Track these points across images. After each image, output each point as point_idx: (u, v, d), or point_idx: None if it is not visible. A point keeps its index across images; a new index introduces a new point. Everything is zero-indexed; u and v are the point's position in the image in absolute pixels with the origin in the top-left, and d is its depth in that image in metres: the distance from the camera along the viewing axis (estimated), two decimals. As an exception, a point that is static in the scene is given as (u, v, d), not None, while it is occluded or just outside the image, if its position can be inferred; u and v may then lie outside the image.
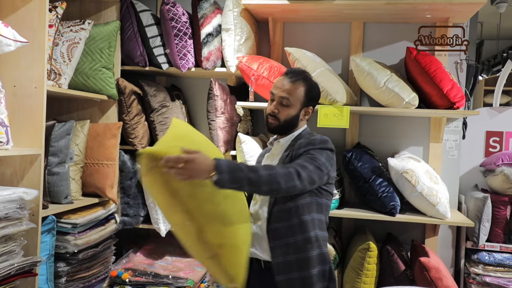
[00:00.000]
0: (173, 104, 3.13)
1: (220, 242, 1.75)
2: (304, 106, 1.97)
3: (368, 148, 3.06)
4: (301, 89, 1.94)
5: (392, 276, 2.66)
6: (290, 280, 1.84)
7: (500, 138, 3.32)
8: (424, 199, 2.68)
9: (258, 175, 1.65)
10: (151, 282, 2.73)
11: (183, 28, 2.94)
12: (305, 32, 3.24)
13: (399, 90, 2.69)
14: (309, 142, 1.89)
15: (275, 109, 1.95)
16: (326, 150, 1.87)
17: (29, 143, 2.23)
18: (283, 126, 1.97)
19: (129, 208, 2.99)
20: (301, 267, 1.84)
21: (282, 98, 1.94)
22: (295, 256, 1.85)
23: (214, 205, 1.73)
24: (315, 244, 1.86)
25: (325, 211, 1.93)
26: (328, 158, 1.86)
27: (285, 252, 1.85)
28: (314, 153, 1.84)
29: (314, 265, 1.85)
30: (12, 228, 1.97)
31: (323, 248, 1.89)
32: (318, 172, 1.80)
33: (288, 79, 1.95)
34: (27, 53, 2.20)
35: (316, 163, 1.80)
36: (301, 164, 1.79)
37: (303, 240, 1.85)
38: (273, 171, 1.69)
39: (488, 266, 2.91)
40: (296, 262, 1.85)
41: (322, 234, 1.90)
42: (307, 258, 1.84)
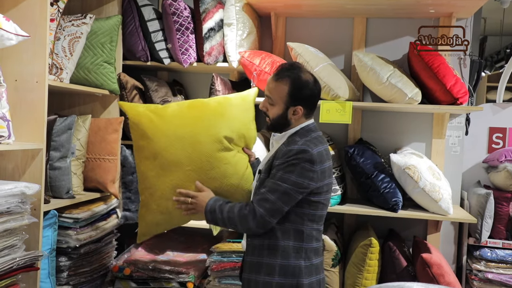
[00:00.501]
0: (175, 99, 3.12)
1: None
2: (290, 105, 1.89)
3: (371, 144, 3.05)
4: (284, 88, 1.88)
5: (394, 272, 2.66)
6: (248, 280, 1.89)
7: (503, 134, 3.31)
8: (427, 195, 2.67)
9: (223, 218, 1.89)
10: (153, 276, 2.73)
11: (185, 22, 2.93)
12: (307, 27, 3.23)
13: (402, 86, 2.68)
14: (285, 152, 1.83)
15: (263, 107, 1.96)
16: (300, 163, 1.79)
17: (30, 138, 2.23)
18: (273, 125, 1.95)
19: (130, 203, 2.99)
20: (258, 270, 1.86)
21: (266, 96, 1.94)
22: (257, 259, 1.87)
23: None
24: (280, 254, 1.83)
25: (308, 221, 1.86)
26: (302, 173, 1.78)
27: (251, 253, 1.90)
28: (282, 174, 1.80)
29: (273, 274, 1.83)
30: (14, 222, 1.97)
31: (290, 260, 1.83)
32: (285, 198, 1.79)
33: (274, 76, 1.92)
34: (28, 47, 2.19)
35: (282, 187, 1.78)
36: (261, 198, 1.82)
37: (268, 245, 1.85)
38: (232, 214, 1.86)
39: (490, 263, 2.90)
40: (255, 264, 1.87)
41: (296, 244, 1.84)
42: (267, 264, 1.84)
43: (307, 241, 1.86)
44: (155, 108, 2.13)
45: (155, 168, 2.05)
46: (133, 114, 2.10)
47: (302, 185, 1.79)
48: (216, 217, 1.90)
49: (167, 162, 2.03)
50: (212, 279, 2.71)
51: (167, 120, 2.07)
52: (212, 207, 1.91)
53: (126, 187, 2.99)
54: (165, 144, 2.03)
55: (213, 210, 1.90)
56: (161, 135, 2.04)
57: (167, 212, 2.07)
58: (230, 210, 1.87)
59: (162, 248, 3.05)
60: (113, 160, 2.82)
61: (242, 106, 2.17)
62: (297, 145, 1.82)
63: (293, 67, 1.93)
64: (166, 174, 2.04)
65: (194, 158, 2.02)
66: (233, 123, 2.09)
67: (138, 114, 2.09)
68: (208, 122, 2.06)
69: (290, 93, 1.88)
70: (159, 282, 2.73)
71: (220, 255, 2.70)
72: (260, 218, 1.80)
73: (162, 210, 2.07)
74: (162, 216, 2.09)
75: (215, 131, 2.04)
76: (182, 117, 2.08)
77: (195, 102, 2.19)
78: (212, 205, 1.91)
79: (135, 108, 2.13)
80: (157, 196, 2.06)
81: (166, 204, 2.05)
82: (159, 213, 2.08)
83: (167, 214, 2.08)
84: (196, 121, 2.06)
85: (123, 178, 2.98)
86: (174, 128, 2.05)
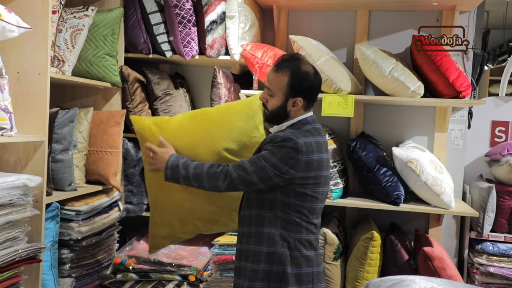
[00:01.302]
0: (177, 92, 3.11)
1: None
2: (289, 97, 1.87)
3: (373, 137, 3.04)
4: (283, 79, 1.86)
5: (396, 266, 2.66)
6: (239, 268, 1.91)
7: (505, 128, 3.30)
8: (429, 189, 2.67)
9: (188, 173, 1.87)
10: (155, 269, 2.74)
11: (187, 15, 2.92)
12: (310, 20, 3.21)
13: (405, 79, 2.67)
14: (271, 138, 1.84)
15: (263, 98, 1.94)
16: (284, 149, 1.79)
17: (32, 130, 2.23)
18: (272, 116, 1.93)
19: (132, 196, 3.00)
20: (246, 258, 1.88)
21: (266, 88, 1.92)
22: (245, 246, 1.89)
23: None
24: (265, 241, 1.84)
25: (293, 211, 1.84)
26: (283, 159, 1.78)
27: (240, 241, 1.93)
28: (266, 153, 1.82)
29: (259, 261, 1.84)
30: (16, 215, 1.97)
31: (277, 248, 1.83)
32: (260, 173, 1.80)
33: (274, 67, 1.90)
34: (30, 39, 2.18)
35: (261, 163, 1.80)
36: (240, 164, 1.84)
37: (255, 233, 1.87)
38: (200, 170, 1.87)
39: (492, 256, 2.90)
40: (244, 252, 1.89)
41: (283, 233, 1.84)
42: (253, 252, 1.86)
43: (295, 232, 1.85)
44: (160, 120, 2.12)
45: (157, 180, 2.05)
46: (138, 127, 2.13)
47: (281, 170, 1.79)
48: (179, 173, 1.89)
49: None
50: (214, 272, 2.72)
51: (167, 132, 2.06)
52: (173, 163, 1.91)
53: (128, 180, 2.99)
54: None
55: (174, 166, 1.90)
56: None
57: (170, 225, 2.08)
58: (197, 167, 1.87)
59: (164, 241, 3.06)
60: (115, 153, 2.82)
61: (245, 114, 2.08)
62: (284, 133, 1.84)
63: (293, 58, 1.91)
64: (166, 186, 2.03)
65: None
66: (233, 133, 2.03)
67: (143, 128, 2.11)
68: (207, 133, 2.03)
69: (290, 84, 1.86)
70: (160, 274, 2.74)
71: (221, 248, 2.71)
72: (230, 181, 1.83)
73: (165, 223, 2.08)
74: (166, 230, 2.10)
75: (213, 143, 2.01)
76: (182, 129, 2.07)
77: (197, 112, 2.18)
78: (174, 161, 1.91)
79: (141, 122, 2.14)
80: (160, 210, 2.07)
81: (169, 218, 2.06)
82: (163, 227, 2.10)
83: (169, 227, 2.09)
84: (194, 132, 2.04)
85: (125, 171, 2.98)
86: (173, 140, 2.03)
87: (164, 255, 2.82)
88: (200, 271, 2.76)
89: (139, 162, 2.99)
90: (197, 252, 2.95)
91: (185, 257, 2.85)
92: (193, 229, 2.12)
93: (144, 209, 3.05)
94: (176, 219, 2.06)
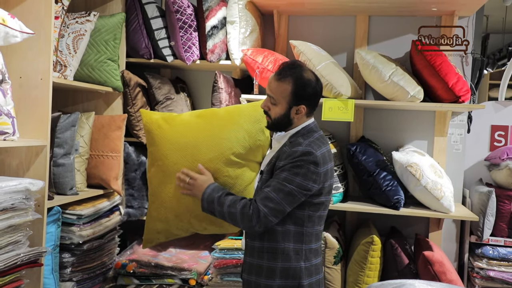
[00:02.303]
0: (178, 96, 3.13)
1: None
2: (293, 105, 1.87)
3: (373, 142, 3.05)
4: (286, 87, 1.85)
5: (396, 270, 2.67)
6: (248, 281, 1.89)
7: (505, 132, 3.31)
8: (429, 193, 2.67)
9: (223, 211, 1.86)
10: (155, 273, 2.74)
11: (188, 20, 2.94)
12: (310, 25, 3.23)
13: (404, 84, 2.68)
14: (289, 153, 1.81)
15: (265, 107, 1.93)
16: (304, 164, 1.78)
17: (35, 134, 2.24)
18: (275, 124, 1.92)
19: (133, 200, 3.01)
20: (258, 273, 1.85)
21: (269, 96, 1.91)
22: (256, 261, 1.86)
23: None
24: (280, 257, 1.83)
25: (309, 222, 1.85)
26: (306, 175, 1.78)
27: (251, 255, 1.89)
28: (287, 174, 1.78)
29: (273, 277, 1.82)
30: (18, 219, 1.97)
31: (291, 262, 1.83)
32: (288, 199, 1.78)
33: (276, 76, 1.89)
34: (33, 44, 2.20)
35: (287, 188, 1.77)
36: (265, 196, 1.79)
37: (267, 248, 1.84)
38: (234, 209, 1.83)
39: (492, 261, 2.91)
40: (256, 266, 1.86)
41: (296, 247, 1.84)
42: (267, 267, 1.83)
43: (307, 243, 1.86)
44: (168, 116, 2.15)
45: (158, 175, 2.06)
46: (146, 120, 2.14)
47: (306, 187, 1.78)
48: (214, 208, 1.89)
49: (167, 169, 2.03)
50: (214, 276, 2.72)
51: (173, 127, 2.08)
52: (210, 197, 1.90)
53: (129, 184, 3.00)
54: (167, 151, 2.04)
55: (210, 200, 1.89)
56: (165, 142, 2.05)
57: (166, 221, 2.08)
58: (230, 205, 1.85)
59: (165, 245, 3.06)
60: (116, 157, 2.83)
61: (252, 117, 2.09)
62: (302, 146, 1.81)
63: (294, 66, 1.91)
64: (166, 182, 2.04)
65: (193, 168, 2.00)
66: (238, 134, 2.03)
67: (151, 121, 2.12)
68: (212, 132, 2.03)
69: (293, 93, 1.85)
70: (161, 278, 2.74)
71: (222, 252, 2.71)
72: (263, 217, 1.78)
73: (161, 218, 2.08)
74: (161, 225, 2.10)
75: (217, 142, 2.01)
76: (188, 126, 2.08)
77: (205, 111, 2.19)
78: (210, 194, 1.90)
79: (150, 115, 2.16)
80: (157, 204, 2.07)
81: (165, 213, 2.06)
82: (159, 221, 2.10)
83: (165, 222, 2.09)
84: (200, 131, 2.05)
85: (126, 175, 2.99)
86: (178, 136, 2.05)
87: (164, 259, 2.83)
88: (201, 275, 2.76)
89: (140, 166, 3.00)
90: (197, 256, 2.96)
91: (185, 261, 2.86)
92: (188, 227, 2.12)
93: (145, 213, 3.06)
94: (172, 214, 2.05)
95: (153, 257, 2.85)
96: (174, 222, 2.08)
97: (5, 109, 1.98)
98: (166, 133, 2.07)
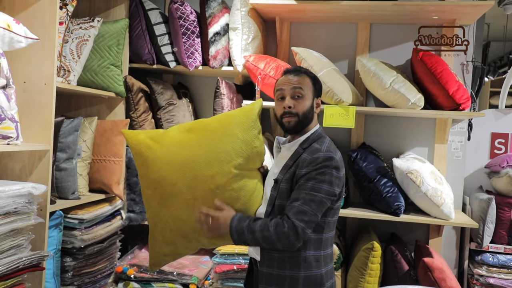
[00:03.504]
0: (180, 102, 3.15)
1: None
2: (314, 96, 1.91)
3: (373, 148, 3.07)
4: (308, 79, 1.90)
5: (396, 276, 2.67)
6: None
7: (505, 139, 3.32)
8: (429, 200, 2.68)
9: (256, 238, 1.76)
10: (156, 278, 2.75)
11: (191, 26, 2.96)
12: (312, 32, 3.25)
13: (405, 91, 2.70)
14: (311, 160, 1.78)
15: (291, 104, 1.86)
16: (328, 170, 1.76)
17: (38, 139, 2.25)
18: (302, 121, 1.87)
19: (135, 205, 3.02)
20: (280, 283, 1.80)
21: (295, 89, 1.86)
22: (277, 271, 1.81)
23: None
24: (302, 265, 1.79)
25: (327, 228, 1.83)
26: (332, 181, 1.77)
27: (269, 265, 1.83)
28: (314, 183, 1.75)
29: (296, 286, 1.79)
30: (20, 222, 1.99)
31: (312, 270, 1.80)
32: (320, 208, 1.75)
33: (293, 73, 1.91)
34: (37, 49, 2.22)
35: (317, 197, 1.74)
36: (298, 211, 1.73)
37: (288, 258, 1.80)
38: (268, 232, 1.74)
39: (492, 268, 2.91)
40: (277, 277, 1.81)
41: (315, 254, 1.81)
42: (290, 277, 1.80)
43: (324, 248, 1.84)
44: (155, 134, 2.01)
45: (156, 198, 1.96)
46: (133, 143, 1.99)
47: (333, 193, 1.77)
48: (246, 238, 1.78)
49: (166, 192, 1.93)
50: (215, 281, 2.73)
51: (165, 146, 1.95)
52: (238, 228, 1.79)
53: (130, 188, 3.01)
54: (164, 172, 1.92)
55: (240, 231, 1.78)
56: (159, 163, 1.92)
57: (172, 243, 2.00)
58: (263, 229, 1.75)
59: (166, 250, 3.07)
60: (118, 162, 2.85)
61: (246, 124, 2.00)
62: (322, 152, 1.79)
63: (299, 67, 1.99)
64: (167, 204, 1.95)
65: (194, 187, 1.90)
66: (235, 145, 1.94)
67: (138, 143, 1.97)
68: (207, 148, 1.93)
69: (314, 84, 1.92)
70: (162, 283, 2.75)
71: (223, 257, 2.72)
72: (301, 232, 1.72)
73: (167, 241, 2.00)
74: (168, 247, 2.02)
75: (215, 157, 1.91)
76: (181, 143, 1.96)
77: (195, 124, 2.05)
78: (237, 225, 1.79)
79: (135, 137, 2.00)
80: (161, 227, 1.99)
81: (171, 235, 1.98)
82: (165, 244, 2.01)
83: (172, 245, 2.01)
84: (194, 147, 1.94)
85: (128, 180, 3.00)
86: (172, 154, 1.92)
87: (165, 263, 2.83)
88: (201, 280, 2.77)
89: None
90: (198, 261, 2.97)
91: (186, 266, 2.87)
92: (197, 245, 2.02)
93: (146, 218, 3.07)
94: (179, 236, 1.98)
95: (154, 261, 2.85)
96: (182, 243, 1.99)
97: (9, 114, 2.00)
98: (158, 154, 1.93)
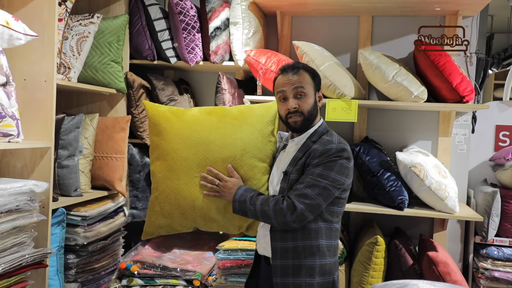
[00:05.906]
0: (181, 98, 3.14)
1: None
2: (315, 90, 1.93)
3: (376, 142, 3.05)
4: (307, 75, 1.91)
5: (400, 270, 2.66)
6: (285, 284, 1.84)
7: (510, 132, 3.30)
8: (433, 193, 2.67)
9: (255, 209, 1.84)
10: (160, 274, 2.75)
11: (191, 22, 2.95)
12: (313, 25, 3.23)
13: (408, 84, 2.68)
14: (323, 151, 1.82)
15: (296, 104, 1.88)
16: (338, 160, 1.81)
17: (39, 136, 2.25)
18: (308, 119, 1.91)
19: (137, 201, 3.01)
20: (296, 273, 1.82)
21: (297, 89, 1.89)
22: (292, 261, 1.84)
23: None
24: (317, 254, 1.83)
25: (336, 217, 1.88)
26: (340, 170, 1.81)
27: (283, 256, 1.85)
28: (321, 169, 1.80)
29: (314, 275, 1.82)
30: (23, 220, 1.99)
31: (326, 258, 1.84)
32: (324, 194, 1.78)
33: (291, 72, 1.91)
34: (37, 47, 2.22)
35: (322, 183, 1.78)
36: (300, 193, 1.79)
37: (303, 247, 1.83)
38: (267, 206, 1.82)
39: (497, 261, 2.90)
40: (292, 267, 1.83)
41: (327, 243, 1.85)
42: (307, 266, 1.82)
43: (334, 238, 1.89)
44: (176, 109, 2.11)
45: (164, 170, 2.02)
46: (153, 112, 2.09)
47: (340, 182, 1.81)
48: (246, 208, 1.86)
49: (176, 165, 2.00)
50: (219, 277, 2.73)
51: (184, 123, 2.04)
52: (242, 196, 1.88)
53: (133, 185, 3.01)
54: (178, 146, 2.00)
55: (243, 200, 1.87)
56: (175, 136, 2.01)
57: (169, 216, 2.05)
58: (263, 203, 1.83)
59: (169, 246, 3.07)
60: (120, 159, 2.84)
61: (265, 118, 2.07)
62: (335, 144, 1.84)
63: (295, 62, 2.00)
64: (172, 177, 2.01)
65: (204, 166, 1.98)
66: (252, 135, 2.01)
67: (158, 113, 2.08)
68: (225, 131, 2.00)
69: (313, 78, 1.93)
70: (165, 279, 2.75)
71: (226, 253, 2.72)
72: (300, 214, 1.77)
73: (165, 214, 2.05)
74: (164, 220, 2.08)
75: (230, 142, 1.98)
76: (200, 122, 2.04)
77: (216, 109, 2.14)
78: (242, 194, 1.88)
79: (156, 108, 2.11)
80: (161, 199, 2.04)
81: (169, 208, 2.03)
82: (162, 216, 2.07)
83: (169, 219, 2.06)
84: (212, 129, 2.02)
85: (130, 177, 3.00)
86: (189, 131, 2.01)
87: (169, 260, 2.83)
88: (205, 276, 2.76)
89: (144, 168, 3.01)
90: (202, 257, 2.96)
91: (190, 262, 2.86)
92: (192, 224, 2.09)
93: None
94: (177, 211, 2.03)
95: (158, 258, 2.85)
96: (179, 219, 2.05)
97: (10, 111, 1.99)
98: (175, 127, 2.03)
